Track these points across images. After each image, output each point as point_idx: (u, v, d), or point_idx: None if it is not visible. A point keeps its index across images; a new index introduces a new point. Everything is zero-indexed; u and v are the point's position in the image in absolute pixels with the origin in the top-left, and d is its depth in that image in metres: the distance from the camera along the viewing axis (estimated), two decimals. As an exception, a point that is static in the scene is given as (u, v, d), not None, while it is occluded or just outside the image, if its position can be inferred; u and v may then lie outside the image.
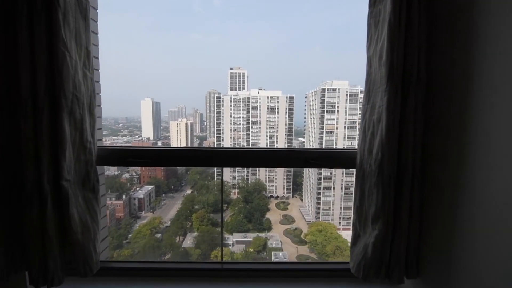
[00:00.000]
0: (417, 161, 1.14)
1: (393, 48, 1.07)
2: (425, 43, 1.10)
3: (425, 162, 1.17)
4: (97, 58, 1.71)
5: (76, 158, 1.23)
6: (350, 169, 1.39)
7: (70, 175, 1.19)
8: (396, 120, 1.10)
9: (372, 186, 1.17)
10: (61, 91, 1.12)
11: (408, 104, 1.11)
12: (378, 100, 1.15)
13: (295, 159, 1.42)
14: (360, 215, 1.27)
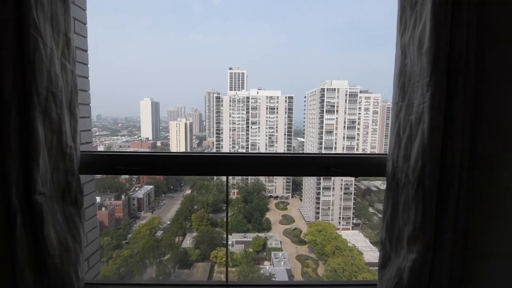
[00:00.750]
0: (464, 171, 0.94)
1: (439, 33, 0.87)
2: (475, 25, 0.91)
3: (474, 172, 0.97)
4: (86, 51, 1.53)
5: (53, 167, 1.02)
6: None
7: (45, 187, 0.99)
8: (441, 121, 0.90)
9: (410, 200, 0.98)
10: (32, 85, 0.92)
11: (455, 101, 0.91)
12: (417, 96, 0.96)
13: (313, 166, 1.22)
14: (392, 233, 1.07)
